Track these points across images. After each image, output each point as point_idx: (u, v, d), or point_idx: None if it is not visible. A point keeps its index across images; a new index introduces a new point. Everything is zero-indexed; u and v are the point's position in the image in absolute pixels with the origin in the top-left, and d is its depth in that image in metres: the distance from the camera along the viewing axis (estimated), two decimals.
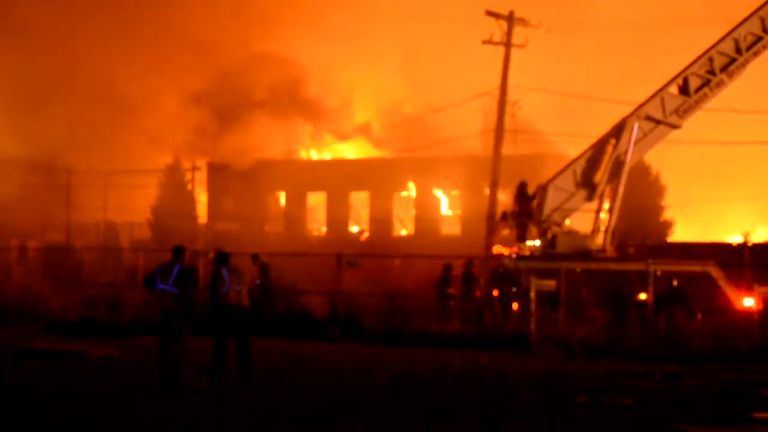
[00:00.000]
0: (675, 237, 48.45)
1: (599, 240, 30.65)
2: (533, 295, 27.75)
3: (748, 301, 27.12)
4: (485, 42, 39.46)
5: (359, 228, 54.76)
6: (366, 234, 53.88)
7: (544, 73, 46.57)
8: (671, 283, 27.92)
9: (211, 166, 57.21)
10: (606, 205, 31.01)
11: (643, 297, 27.62)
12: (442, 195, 54.14)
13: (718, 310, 27.08)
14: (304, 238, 52.62)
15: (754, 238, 32.09)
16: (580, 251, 30.06)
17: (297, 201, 55.89)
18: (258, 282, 28.41)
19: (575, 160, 31.17)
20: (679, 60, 31.69)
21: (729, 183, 49.62)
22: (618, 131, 30.71)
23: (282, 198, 57.13)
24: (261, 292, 28.11)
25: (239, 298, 18.11)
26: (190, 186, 59.34)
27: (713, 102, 31.51)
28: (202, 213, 58.29)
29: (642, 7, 54.35)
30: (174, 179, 57.99)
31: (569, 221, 31.32)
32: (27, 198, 49.07)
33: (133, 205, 55.41)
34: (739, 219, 48.05)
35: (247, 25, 51.50)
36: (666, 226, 50.21)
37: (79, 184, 57.21)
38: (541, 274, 28.42)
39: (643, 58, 53.69)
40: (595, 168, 30.56)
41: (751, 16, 30.95)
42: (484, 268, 31.28)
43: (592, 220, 31.31)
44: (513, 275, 29.08)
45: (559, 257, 29.48)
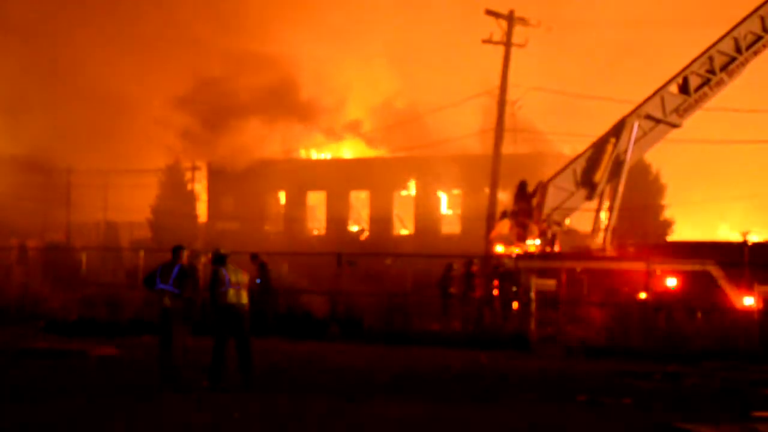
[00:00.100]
0: (675, 236, 48.48)
1: (599, 239, 30.67)
2: (533, 295, 27.72)
3: (748, 300, 27.11)
4: (485, 41, 39.47)
5: (359, 227, 54.74)
6: (366, 233, 53.86)
7: (543, 73, 46.65)
8: (671, 283, 27.91)
9: (210, 166, 57.20)
10: (606, 204, 31.03)
11: (643, 296, 27.62)
12: (443, 194, 54.14)
13: (718, 310, 27.07)
14: (304, 237, 52.62)
15: (754, 237, 32.02)
16: (580, 250, 30.07)
17: (297, 200, 55.89)
18: (257, 281, 28.41)
19: (575, 160, 31.17)
20: (679, 59, 31.74)
21: (729, 182, 49.63)
22: (618, 130, 30.72)
23: (282, 197, 57.13)
24: (260, 291, 28.10)
25: (239, 297, 18.15)
26: (190, 185, 59.32)
27: (713, 101, 31.53)
28: (202, 212, 58.29)
29: (642, 6, 54.41)
30: (174, 179, 57.99)
31: (569, 220, 31.34)
32: (26, 197, 49.05)
33: (133, 204, 55.39)
34: (739, 218, 48.03)
35: (245, 24, 51.45)
36: (666, 225, 50.25)
37: (79, 183, 57.18)
38: (541, 274, 28.41)
39: (643, 57, 53.76)
40: (595, 167, 30.56)
41: (751, 15, 30.95)
42: (484, 267, 31.27)
43: (592, 220, 31.33)
44: (513, 274, 29.08)
45: (559, 256, 29.48)
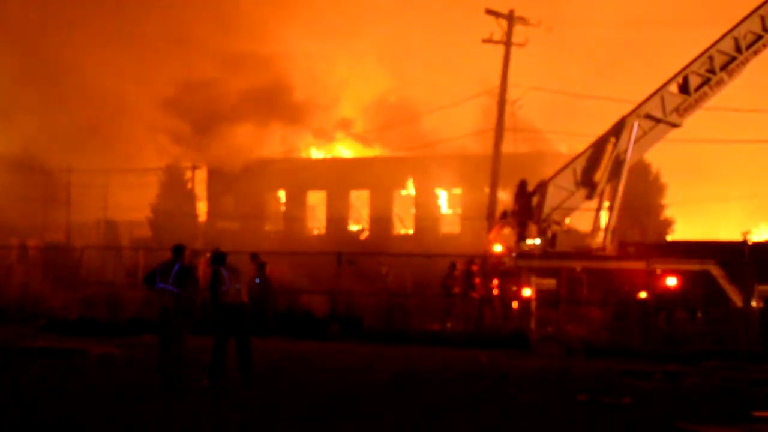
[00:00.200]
0: (675, 236, 48.46)
1: (599, 239, 30.64)
2: (533, 294, 27.72)
3: (748, 300, 27.11)
4: (485, 41, 39.43)
5: (359, 227, 54.72)
6: (366, 233, 53.84)
7: (543, 72, 46.60)
8: (671, 283, 27.90)
9: (210, 166, 57.11)
10: (606, 204, 31.01)
11: (643, 296, 27.62)
12: (442, 194, 54.12)
13: (719, 309, 27.06)
14: (304, 237, 52.60)
15: (754, 237, 32.01)
16: (580, 250, 30.06)
17: (297, 200, 55.86)
18: (257, 281, 28.39)
19: (575, 159, 31.15)
20: (679, 59, 31.71)
21: (729, 182, 49.60)
22: (618, 130, 30.70)
23: (282, 197, 57.09)
24: (260, 291, 28.08)
25: (238, 296, 18.22)
26: (189, 185, 59.28)
27: (713, 100, 31.50)
28: (202, 212, 58.24)
29: (642, 6, 54.37)
30: (174, 178, 57.94)
31: (569, 220, 31.32)
32: (26, 197, 49.00)
33: (134, 203, 55.34)
34: (740, 217, 48.00)
35: (239, 23, 51.27)
36: (666, 225, 50.23)
37: (79, 183, 57.14)
38: (541, 273, 28.40)
39: (643, 57, 53.72)
40: (595, 167, 30.54)
41: (751, 14, 30.92)
42: (484, 266, 31.27)
43: (592, 219, 31.31)
44: (513, 274, 29.07)
45: (559, 256, 29.48)
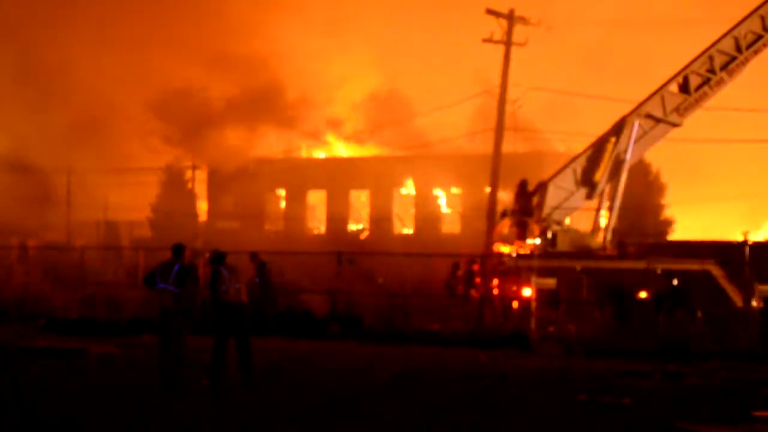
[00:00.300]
0: (675, 235, 48.44)
1: (599, 238, 30.67)
2: (533, 294, 27.72)
3: (748, 300, 27.11)
4: (485, 40, 39.37)
5: (360, 226, 54.71)
6: (366, 232, 53.83)
7: (543, 72, 46.58)
8: (671, 282, 27.91)
9: (210, 165, 57.03)
10: (606, 204, 31.02)
11: (643, 296, 27.62)
12: (442, 193, 54.11)
13: (719, 309, 27.06)
14: (304, 236, 52.57)
15: (754, 237, 32.01)
16: (580, 250, 30.06)
17: (297, 199, 55.84)
18: (257, 280, 28.37)
19: (575, 159, 31.17)
20: (679, 59, 31.73)
21: (729, 181, 49.57)
22: (618, 129, 30.72)
23: (282, 196, 57.07)
24: (260, 290, 28.06)
25: (238, 295, 18.27)
26: (190, 184, 59.26)
27: (713, 100, 31.52)
28: (202, 211, 58.20)
29: (642, 6, 54.33)
30: (174, 178, 57.91)
31: (569, 220, 31.33)
32: (25, 197, 48.96)
33: (134, 203, 55.30)
34: (740, 217, 47.99)
35: (233, 22, 51.05)
36: (666, 225, 50.21)
37: (79, 182, 57.09)
38: (541, 273, 28.41)
39: (643, 56, 53.68)
40: (595, 166, 30.57)
41: (751, 14, 30.95)
42: (484, 266, 31.25)
43: (592, 219, 31.32)
44: (513, 273, 29.07)
45: (559, 256, 29.47)
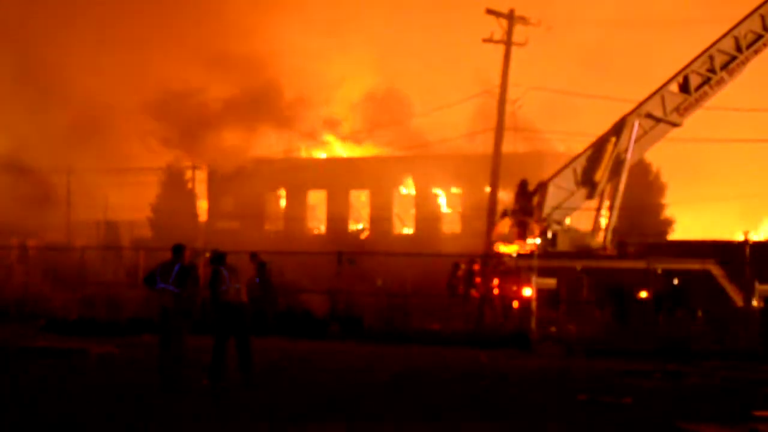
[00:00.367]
0: (675, 235, 48.42)
1: (599, 238, 30.66)
2: (534, 294, 27.71)
3: (748, 299, 27.09)
4: (485, 40, 39.37)
5: (360, 226, 54.69)
6: (366, 232, 53.82)
7: (543, 72, 46.56)
8: (671, 282, 27.90)
9: (210, 166, 57.01)
10: (606, 204, 31.01)
11: (643, 295, 27.60)
12: (442, 193, 54.09)
13: (719, 308, 27.04)
14: (305, 236, 52.56)
15: (755, 236, 32.01)
16: (581, 249, 30.05)
17: (297, 199, 55.83)
18: (257, 280, 28.35)
19: (576, 159, 31.16)
20: (679, 58, 31.72)
21: (729, 181, 49.56)
22: (618, 129, 30.71)
23: (282, 196, 57.05)
24: (260, 290, 28.04)
25: (238, 295, 18.28)
26: (190, 184, 59.24)
27: (713, 100, 31.51)
28: (202, 211, 58.18)
29: (642, 5, 54.30)
30: (174, 177, 57.90)
31: (569, 219, 31.32)
32: (25, 197, 48.93)
33: (134, 203, 55.28)
34: (740, 217, 47.97)
35: (230, 22, 50.94)
36: (666, 224, 50.19)
37: (79, 182, 57.07)
38: (542, 273, 28.40)
39: (643, 56, 53.65)
40: (596, 166, 30.56)
41: (751, 14, 30.95)
42: (484, 266, 31.24)
43: (592, 219, 31.31)
44: (513, 273, 29.05)
45: (560, 255, 29.46)
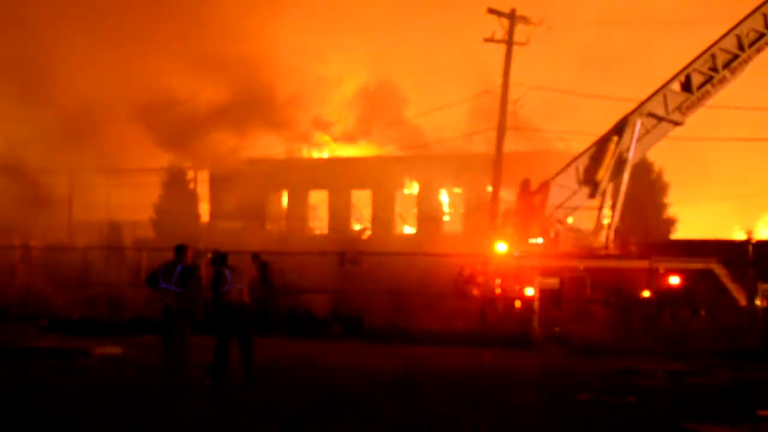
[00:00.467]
0: (678, 234, 48.41)
1: (602, 238, 30.61)
2: (536, 293, 27.68)
3: (752, 299, 27.07)
4: (487, 40, 39.40)
5: (362, 226, 54.69)
6: (368, 232, 53.82)
7: (545, 71, 46.61)
8: (674, 282, 27.87)
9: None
10: (609, 203, 30.97)
11: (646, 295, 27.59)
12: (444, 193, 54.08)
13: (722, 308, 27.02)
14: (306, 236, 52.56)
15: (758, 235, 32.03)
16: (583, 249, 30.02)
17: (299, 199, 55.83)
18: (258, 281, 28.31)
19: (578, 158, 31.13)
20: (680, 58, 31.70)
21: (732, 180, 49.56)
22: (620, 128, 30.67)
23: (284, 196, 57.05)
24: (262, 290, 28.02)
25: (240, 296, 18.29)
26: (192, 185, 59.25)
27: (716, 98, 31.49)
28: (204, 212, 58.18)
29: (643, 5, 54.34)
30: (176, 178, 57.92)
31: (572, 219, 31.28)
32: (25, 197, 48.94)
33: (136, 203, 55.30)
34: (742, 216, 47.99)
35: (235, 23, 50.89)
36: (669, 224, 50.16)
37: (81, 183, 57.08)
38: (544, 272, 28.37)
39: (645, 55, 53.70)
40: (598, 165, 30.51)
41: (753, 12, 30.92)
42: (486, 265, 31.20)
43: (594, 218, 31.27)
44: (515, 273, 29.03)
45: (562, 255, 29.43)
